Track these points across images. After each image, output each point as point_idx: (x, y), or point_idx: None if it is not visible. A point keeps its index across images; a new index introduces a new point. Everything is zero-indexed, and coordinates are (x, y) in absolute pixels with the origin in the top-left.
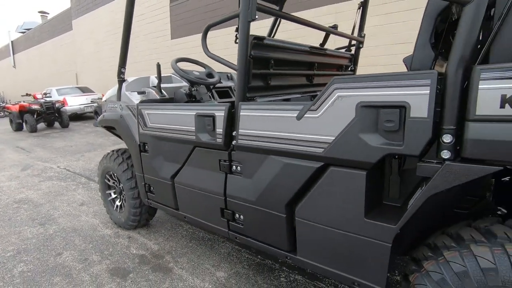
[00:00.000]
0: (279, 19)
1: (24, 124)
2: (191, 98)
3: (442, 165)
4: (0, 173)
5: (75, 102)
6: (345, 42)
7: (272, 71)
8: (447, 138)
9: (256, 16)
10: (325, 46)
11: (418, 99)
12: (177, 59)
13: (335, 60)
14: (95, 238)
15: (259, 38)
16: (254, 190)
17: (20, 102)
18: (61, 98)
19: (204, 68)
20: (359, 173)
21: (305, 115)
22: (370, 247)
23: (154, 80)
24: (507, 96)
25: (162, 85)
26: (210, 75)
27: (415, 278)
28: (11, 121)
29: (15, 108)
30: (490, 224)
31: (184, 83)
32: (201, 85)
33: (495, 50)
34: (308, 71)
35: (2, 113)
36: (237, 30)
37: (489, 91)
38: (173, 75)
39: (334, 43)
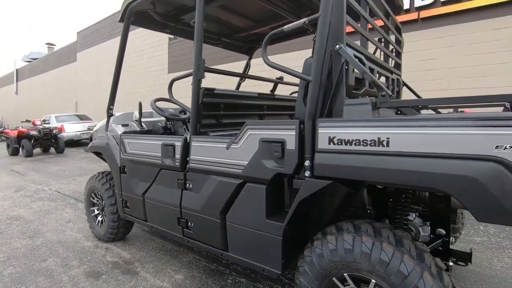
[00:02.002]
0: (249, 63)
1: (20, 149)
2: (167, 130)
3: (304, 180)
4: None
5: (72, 129)
6: None
7: (222, 113)
8: (307, 163)
9: (204, 76)
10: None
11: (290, 137)
12: (155, 99)
13: (284, 103)
14: (77, 248)
15: (209, 89)
16: (200, 202)
17: (19, 127)
18: (59, 124)
19: (180, 106)
20: (261, 187)
21: (231, 146)
22: (270, 240)
23: (137, 115)
24: (331, 137)
25: (144, 119)
26: (183, 112)
27: (306, 250)
28: (8, 146)
29: (14, 133)
30: (360, 222)
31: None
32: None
33: (331, 109)
34: (259, 111)
35: (5, 138)
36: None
37: (323, 134)
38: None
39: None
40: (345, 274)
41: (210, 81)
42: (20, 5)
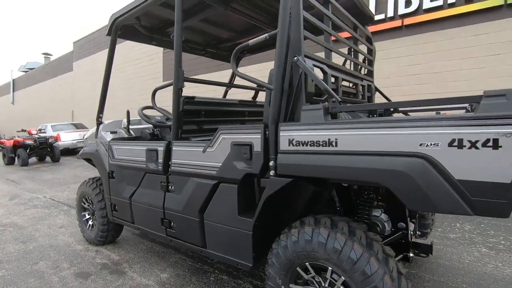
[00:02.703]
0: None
1: (16, 158)
2: (154, 137)
3: (269, 179)
4: None
5: (68, 138)
6: None
7: (203, 119)
8: (271, 163)
9: (184, 85)
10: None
11: (256, 140)
12: (142, 107)
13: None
14: (68, 252)
15: (189, 98)
16: (181, 203)
17: (15, 137)
18: (55, 133)
19: (164, 114)
20: (233, 186)
21: (207, 150)
22: (242, 235)
23: (125, 123)
24: (290, 139)
25: (133, 126)
26: (169, 119)
27: (274, 244)
28: (3, 155)
29: (9, 143)
30: (320, 216)
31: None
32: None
33: (291, 114)
34: (241, 117)
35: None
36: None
37: (284, 137)
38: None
39: None
40: (306, 264)
41: (204, 88)
42: (17, 15)
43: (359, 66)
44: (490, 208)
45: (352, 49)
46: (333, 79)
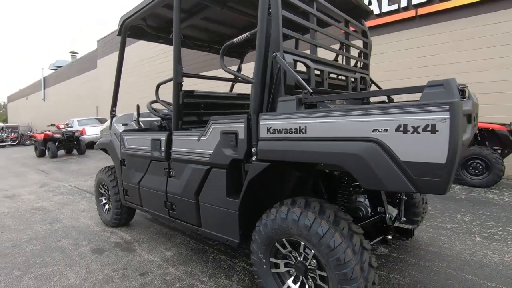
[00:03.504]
0: (242, 63)
1: (46, 150)
2: (162, 128)
3: (251, 164)
4: (23, 189)
5: (93, 132)
6: None
7: (202, 111)
8: (253, 149)
9: (183, 80)
10: None
11: (241, 129)
12: (151, 101)
13: None
14: (87, 232)
15: (189, 92)
16: (180, 187)
17: (45, 131)
18: (81, 128)
19: (165, 107)
20: (222, 171)
21: (201, 138)
22: (229, 215)
23: (136, 116)
24: (268, 128)
25: (144, 119)
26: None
27: (257, 222)
28: (35, 148)
29: (40, 137)
30: (298, 198)
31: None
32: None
33: (271, 105)
34: (240, 110)
35: (29, 141)
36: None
37: (263, 125)
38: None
39: None
40: (283, 240)
41: (215, 84)
42: (47, 16)
43: (354, 60)
44: (430, 185)
45: (344, 44)
46: (318, 72)
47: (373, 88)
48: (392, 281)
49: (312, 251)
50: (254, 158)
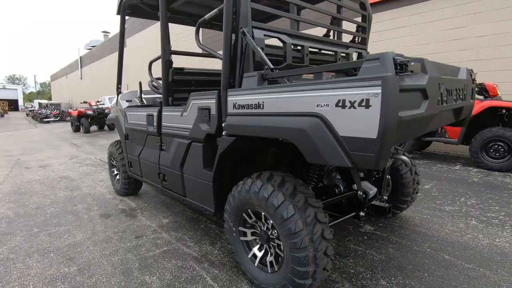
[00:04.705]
0: None
1: (80, 126)
2: (160, 105)
3: (221, 138)
4: (54, 160)
5: None
6: None
7: (193, 88)
8: (223, 124)
9: (170, 58)
10: None
11: (213, 105)
12: (152, 78)
13: None
14: (100, 199)
15: (178, 69)
16: (169, 159)
17: (78, 108)
18: (111, 105)
19: (156, 84)
20: (199, 145)
21: (183, 114)
22: (205, 186)
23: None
24: (234, 103)
25: (147, 96)
26: None
27: (229, 194)
28: (71, 124)
29: (75, 113)
30: (264, 172)
31: None
32: None
33: (238, 82)
34: None
35: (69, 118)
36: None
37: (230, 101)
38: None
39: None
40: (249, 210)
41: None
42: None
43: (345, 34)
44: (364, 160)
45: (336, 18)
46: (299, 48)
47: None
48: (367, 256)
49: (271, 221)
50: (224, 133)
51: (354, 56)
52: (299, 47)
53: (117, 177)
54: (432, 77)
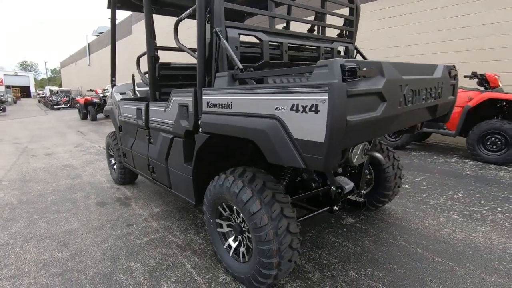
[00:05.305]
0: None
1: (88, 114)
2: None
3: (197, 135)
4: (60, 148)
5: None
6: None
7: (181, 83)
8: (200, 122)
9: (156, 53)
10: None
11: (190, 102)
12: (145, 71)
13: None
14: (99, 187)
15: (165, 64)
16: (156, 152)
17: (85, 96)
18: None
19: (142, 78)
20: (180, 140)
21: (166, 110)
22: (186, 179)
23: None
24: (208, 102)
25: (141, 88)
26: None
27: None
28: (79, 111)
29: (82, 101)
30: (238, 168)
31: None
32: None
33: (213, 81)
34: None
35: (77, 105)
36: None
37: (205, 100)
38: None
39: None
40: (223, 203)
41: None
42: None
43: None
44: (314, 162)
45: (320, 13)
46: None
47: (358, 57)
48: (342, 248)
49: (241, 214)
50: (200, 130)
51: (342, 50)
52: (277, 44)
53: (115, 166)
54: (391, 79)
